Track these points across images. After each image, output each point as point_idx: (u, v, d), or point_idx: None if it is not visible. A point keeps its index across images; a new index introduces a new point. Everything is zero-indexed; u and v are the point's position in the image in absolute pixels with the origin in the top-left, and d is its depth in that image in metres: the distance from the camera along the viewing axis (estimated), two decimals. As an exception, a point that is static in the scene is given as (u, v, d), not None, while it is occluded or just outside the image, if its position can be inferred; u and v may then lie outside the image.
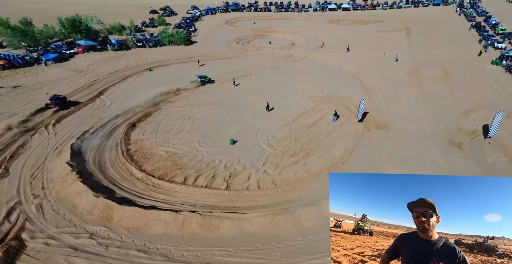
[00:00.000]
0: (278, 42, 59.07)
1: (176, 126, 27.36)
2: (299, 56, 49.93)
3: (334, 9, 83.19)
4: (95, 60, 42.83)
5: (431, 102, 31.35)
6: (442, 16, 67.31)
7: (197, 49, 54.42)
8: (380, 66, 43.82)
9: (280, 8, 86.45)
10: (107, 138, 24.16)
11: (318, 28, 67.09)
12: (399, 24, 65.62)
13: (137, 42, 51.61)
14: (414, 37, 56.60)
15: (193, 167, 20.95)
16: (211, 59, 49.23)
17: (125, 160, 20.95)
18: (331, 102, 32.66)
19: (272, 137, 25.66)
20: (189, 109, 30.86)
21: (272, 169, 21.11)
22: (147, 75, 40.48)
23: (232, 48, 55.65)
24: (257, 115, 29.72)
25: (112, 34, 57.64)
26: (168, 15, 78.46)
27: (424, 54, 48.33)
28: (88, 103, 30.79)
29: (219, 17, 79.97)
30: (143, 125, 27.08)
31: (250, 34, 64.15)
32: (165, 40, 53.88)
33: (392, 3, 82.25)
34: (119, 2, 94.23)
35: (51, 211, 15.26)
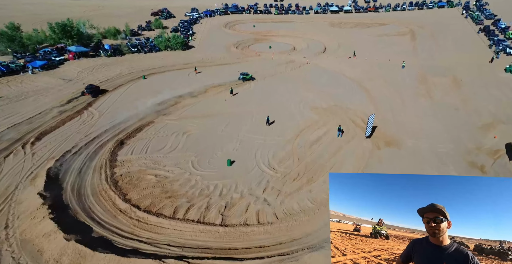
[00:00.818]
0: (278, 46, 56.63)
1: (169, 143, 24.96)
2: (301, 62, 47.50)
3: (336, 11, 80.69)
4: (86, 68, 40.40)
5: (443, 115, 28.91)
6: (448, 19, 64.82)
7: (195, 54, 51.98)
8: (386, 73, 41.40)
9: (280, 10, 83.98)
10: (91, 159, 21.76)
11: (320, 32, 64.63)
12: (403, 27, 63.15)
13: (131, 47, 49.18)
14: (420, 41, 54.13)
15: (185, 195, 18.55)
16: (209, 65, 46.80)
17: (108, 187, 18.55)
18: (336, 114, 30.25)
19: (273, 156, 23.26)
20: (184, 123, 28.47)
21: (273, 197, 18.71)
22: (141, 84, 38.05)
23: (231, 53, 53.21)
24: (256, 130, 27.33)
25: (106, 39, 55.21)
26: (165, 18, 75.98)
27: (431, 59, 45.88)
28: (74, 116, 28.38)
29: (218, 19, 77.50)
30: (132, 143, 24.67)
31: (249, 38, 61.70)
32: (161, 45, 51.44)
33: (395, 5, 79.74)
34: (117, 4, 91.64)
35: (10, 260, 12.86)
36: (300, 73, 42.77)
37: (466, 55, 45.56)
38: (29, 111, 27.78)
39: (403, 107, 31.17)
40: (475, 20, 60.31)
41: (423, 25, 62.59)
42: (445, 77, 37.86)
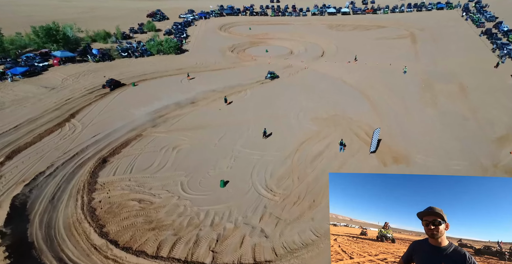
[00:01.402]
0: (275, 50, 54.47)
1: (157, 160, 22.65)
2: (299, 67, 45.37)
3: (333, 13, 78.75)
4: (71, 74, 37.87)
5: (452, 126, 26.90)
6: (448, 21, 63.15)
7: (188, 58, 49.62)
8: (387, 79, 39.41)
9: (277, 12, 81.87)
10: (67, 181, 19.40)
11: (318, 34, 62.58)
12: (403, 30, 61.33)
13: (122, 51, 46.69)
14: (421, 45, 52.28)
15: (171, 226, 16.27)
16: (203, 70, 44.48)
17: (83, 217, 16.22)
18: (337, 124, 28.14)
19: (270, 175, 21.06)
20: (174, 136, 26.17)
21: (272, 226, 16.51)
22: (130, 92, 35.65)
23: (226, 57, 50.94)
24: (253, 143, 25.12)
25: (96, 42, 52.65)
26: (159, 20, 73.48)
27: (433, 64, 43.98)
28: (54, 129, 25.94)
29: (213, 21, 75.18)
30: (116, 160, 22.32)
31: (245, 41, 59.47)
32: (153, 49, 49.01)
33: (393, 7, 78.00)
34: (112, 5, 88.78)
35: None
36: (298, 79, 40.62)
37: (470, 60, 43.74)
38: (4, 124, 25.31)
39: (408, 117, 29.14)
40: (475, 22, 58.66)
41: (423, 27, 60.83)
42: (450, 83, 35.93)
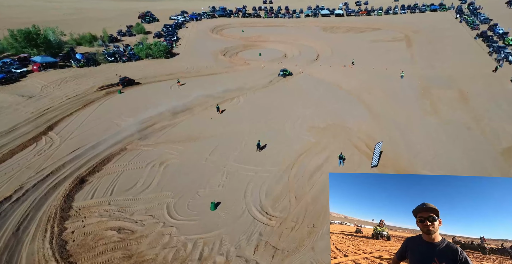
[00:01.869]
0: (269, 53, 52.66)
1: (142, 178, 20.56)
2: (293, 72, 43.63)
3: (327, 15, 77.41)
4: (52, 81, 35.35)
5: (456, 136, 25.47)
6: (443, 24, 62.31)
7: (179, 63, 47.45)
8: (385, 84, 37.97)
9: (270, 14, 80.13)
10: (37, 207, 17.17)
11: (312, 37, 61.07)
12: (398, 32, 60.23)
13: (108, 56, 44.22)
14: (417, 48, 51.14)
15: (154, 261, 14.24)
16: (194, 75, 42.39)
17: (51, 254, 14.07)
18: (336, 135, 26.45)
19: (266, 195, 19.19)
20: (162, 150, 24.09)
21: (268, 259, 14.62)
22: (116, 100, 33.37)
23: (218, 61, 48.93)
24: (247, 157, 23.22)
25: (81, 46, 50.00)
26: (148, 22, 70.97)
27: (430, 68, 42.77)
28: (28, 144, 23.58)
29: (204, 23, 73.04)
30: (96, 180, 20.14)
31: (238, 44, 57.54)
32: (141, 53, 46.67)
33: (387, 8, 77.05)
34: (100, 6, 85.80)
35: None
36: (293, 85, 38.87)
37: (467, 64, 42.65)
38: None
39: (409, 126, 27.62)
40: (470, 24, 57.88)
41: (418, 30, 59.84)
42: (449, 89, 34.64)
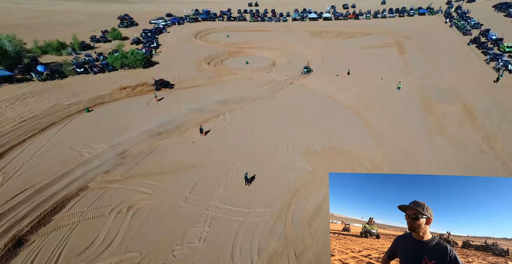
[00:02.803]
0: (256, 61, 48.87)
1: (102, 232, 16.33)
2: (283, 82, 40.05)
3: (315, 18, 74.40)
4: (5, 99, 30.21)
5: (470, 162, 22.46)
6: (433, 28, 60.39)
7: (158, 73, 42.91)
8: (382, 97, 34.95)
9: (256, 17, 76.33)
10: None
11: (300, 43, 57.71)
12: (388, 37, 57.78)
13: (77, 66, 39.17)
14: (410, 55, 48.64)
15: None
16: (175, 88, 38.04)
17: None
18: (334, 161, 22.98)
19: (258, 253, 15.39)
20: (132, 187, 19.90)
21: None
22: (82, 120, 28.69)
23: (202, 71, 44.72)
24: (233, 195, 19.37)
25: (48, 54, 44.56)
26: (126, 26, 65.67)
27: (427, 77, 40.15)
28: (-39, 188, 18.79)
29: (187, 28, 68.44)
30: (39, 239, 15.71)
31: (223, 51, 53.42)
32: (115, 63, 41.83)
33: (375, 12, 74.85)
34: (72, 9, 79.22)
35: None
36: (284, 98, 35.22)
37: (465, 73, 40.30)
38: None
39: (415, 149, 24.48)
40: (461, 29, 56.12)
41: (408, 34, 57.57)
42: (452, 103, 31.88)
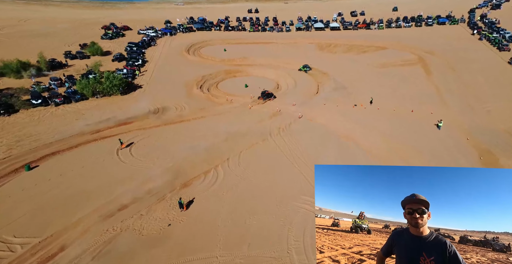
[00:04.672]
0: (257, 84, 40.67)
1: None
2: (290, 116, 31.86)
3: (321, 28, 66.08)
4: None
5: None
6: (459, 42, 52.14)
7: (139, 102, 34.76)
8: (418, 139, 26.76)
9: (256, 26, 68.00)
10: None
11: (307, 58, 49.40)
12: (408, 52, 49.50)
13: (33, 97, 30.97)
14: (438, 77, 40.39)
15: None
16: (155, 125, 29.84)
17: None
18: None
19: None
20: None
21: None
22: (16, 185, 20.56)
23: (193, 98, 36.53)
24: None
25: (4, 77, 36.34)
26: (110, 38, 57.37)
27: (471, 112, 31.43)
28: None
29: (180, 39, 60.13)
30: None
31: (218, 69, 45.17)
32: (86, 90, 33.61)
33: (388, 21, 66.60)
34: (49, 15, 69.83)
35: None
36: (291, 142, 26.97)
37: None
38: None
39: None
40: (495, 44, 47.79)
41: (432, 49, 49.28)
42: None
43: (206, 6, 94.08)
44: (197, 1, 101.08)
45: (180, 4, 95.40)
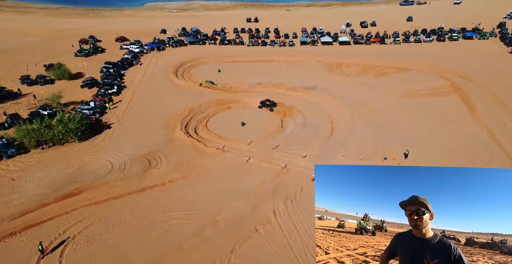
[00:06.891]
0: (257, 120, 31.86)
1: None
2: (300, 176, 22.99)
3: (329, 43, 57.21)
4: None
5: None
6: (496, 61, 43.32)
7: (101, 152, 25.93)
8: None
9: (255, 40, 59.05)
10: None
11: (315, 81, 40.64)
12: (437, 76, 40.71)
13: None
14: (487, 113, 31.34)
15: None
16: (114, 196, 20.97)
17: None
18: None
19: None
20: None
21: None
22: None
23: (174, 146, 27.54)
24: None
25: None
26: (87, 55, 48.38)
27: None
28: None
29: (168, 56, 51.16)
30: None
31: (209, 99, 36.12)
32: (26, 139, 24.65)
33: (405, 33, 57.75)
34: (25, 26, 60.58)
35: None
36: (303, 229, 18.18)
37: None
38: None
39: None
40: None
41: (466, 73, 40.38)
42: None
43: (202, 14, 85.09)
44: (192, 8, 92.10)
45: (174, 11, 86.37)
